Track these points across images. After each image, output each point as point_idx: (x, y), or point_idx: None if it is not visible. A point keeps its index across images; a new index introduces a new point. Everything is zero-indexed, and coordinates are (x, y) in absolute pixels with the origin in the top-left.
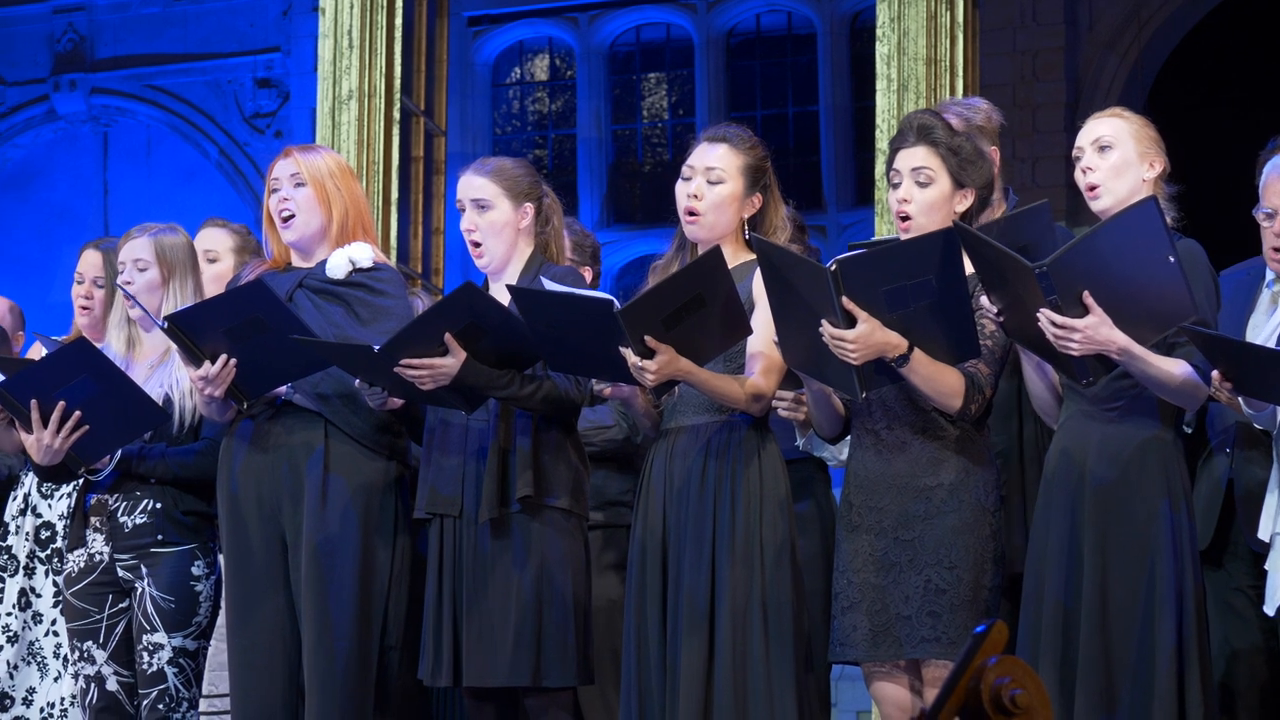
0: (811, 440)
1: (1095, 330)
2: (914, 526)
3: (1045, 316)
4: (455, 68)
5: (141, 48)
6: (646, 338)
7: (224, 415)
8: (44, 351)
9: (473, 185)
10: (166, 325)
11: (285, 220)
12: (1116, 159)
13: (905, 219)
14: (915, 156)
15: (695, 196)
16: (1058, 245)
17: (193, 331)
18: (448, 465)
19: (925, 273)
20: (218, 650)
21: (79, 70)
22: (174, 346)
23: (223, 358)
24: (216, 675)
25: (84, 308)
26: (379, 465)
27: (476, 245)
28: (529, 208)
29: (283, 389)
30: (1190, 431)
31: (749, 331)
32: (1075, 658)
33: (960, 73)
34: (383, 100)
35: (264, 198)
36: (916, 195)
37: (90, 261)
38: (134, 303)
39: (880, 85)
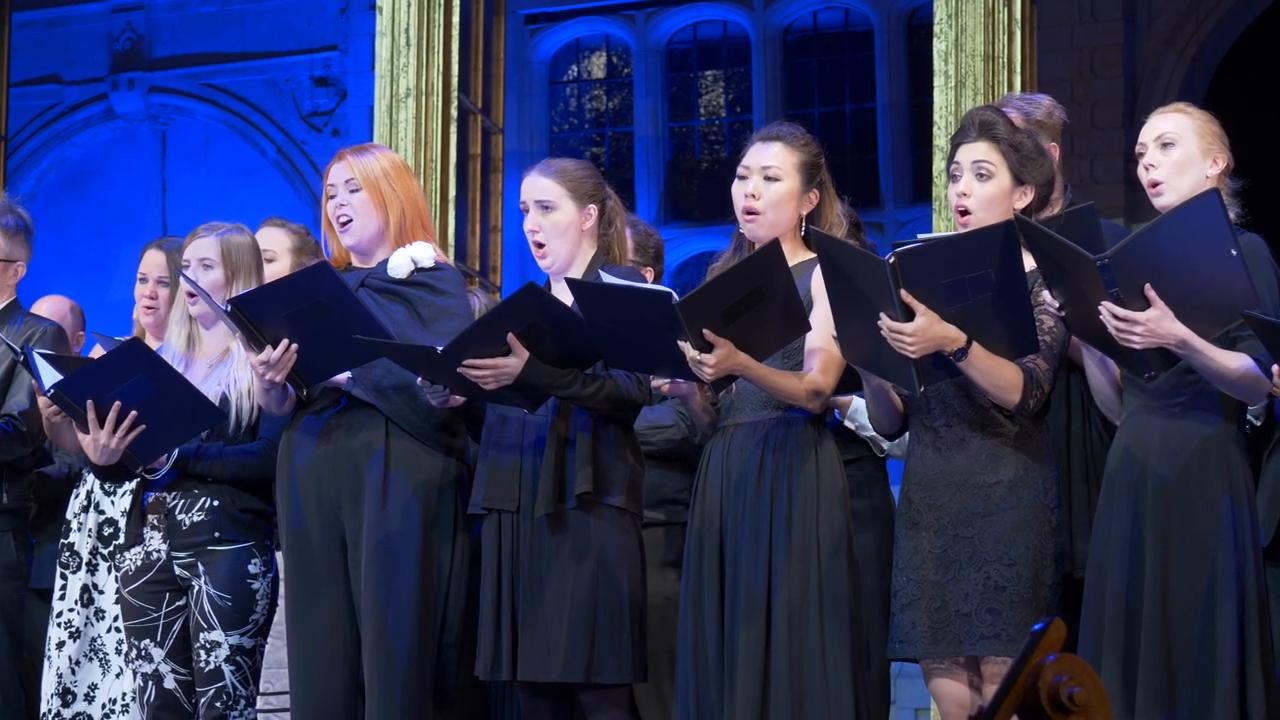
0: (855, 418)
1: (1157, 323)
2: (973, 523)
3: (1107, 309)
4: (512, 66)
5: (199, 46)
6: (705, 331)
7: (282, 406)
8: (103, 352)
9: (537, 186)
10: (229, 308)
11: (343, 225)
12: (1179, 155)
13: (964, 213)
14: (976, 151)
15: (753, 196)
16: (1105, 246)
17: (255, 315)
18: (505, 460)
19: (984, 266)
20: (275, 648)
21: (137, 69)
22: (235, 339)
23: (284, 342)
24: (274, 673)
25: (149, 307)
26: (438, 462)
27: (540, 246)
28: (593, 209)
29: (343, 379)
30: (1259, 424)
31: (807, 328)
32: (1138, 655)
33: (1018, 69)
34: (440, 98)
35: (322, 201)
36: (976, 189)
37: (153, 261)
38: (196, 289)
39: (938, 82)
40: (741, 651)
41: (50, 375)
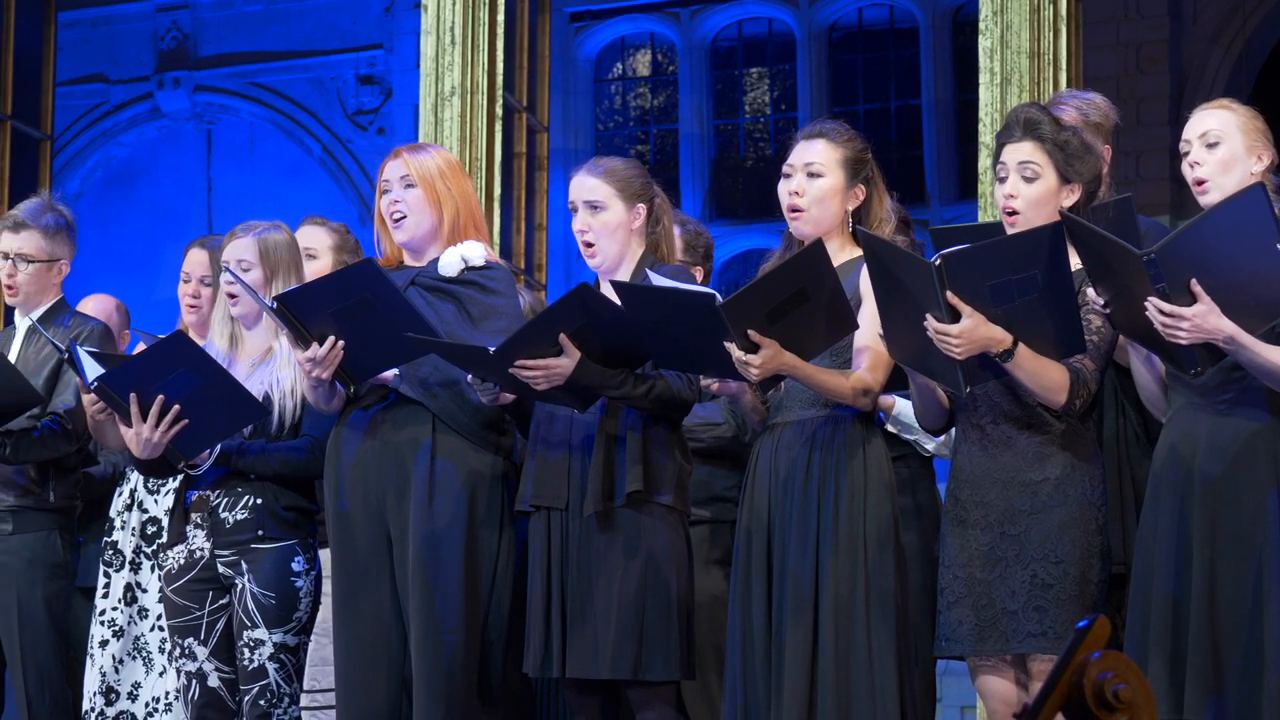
0: (899, 422)
1: (1203, 318)
2: (1020, 521)
3: (1153, 305)
4: (557, 64)
5: (244, 45)
6: (750, 332)
7: (329, 403)
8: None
9: (585, 186)
10: (275, 305)
11: (396, 221)
12: (1224, 153)
13: (1012, 214)
14: (1021, 151)
15: (796, 193)
16: (1142, 238)
17: (301, 312)
18: (553, 458)
19: (1031, 267)
20: (320, 645)
21: (183, 68)
22: (278, 339)
23: (330, 339)
24: (319, 670)
25: (191, 306)
26: (485, 459)
27: (589, 246)
28: (641, 208)
29: (390, 376)
30: None
31: (854, 326)
32: (1185, 653)
33: (1064, 66)
34: (485, 96)
35: (375, 198)
36: (1023, 190)
37: (196, 260)
38: (243, 286)
39: (983, 79)
40: (789, 648)
41: (94, 370)
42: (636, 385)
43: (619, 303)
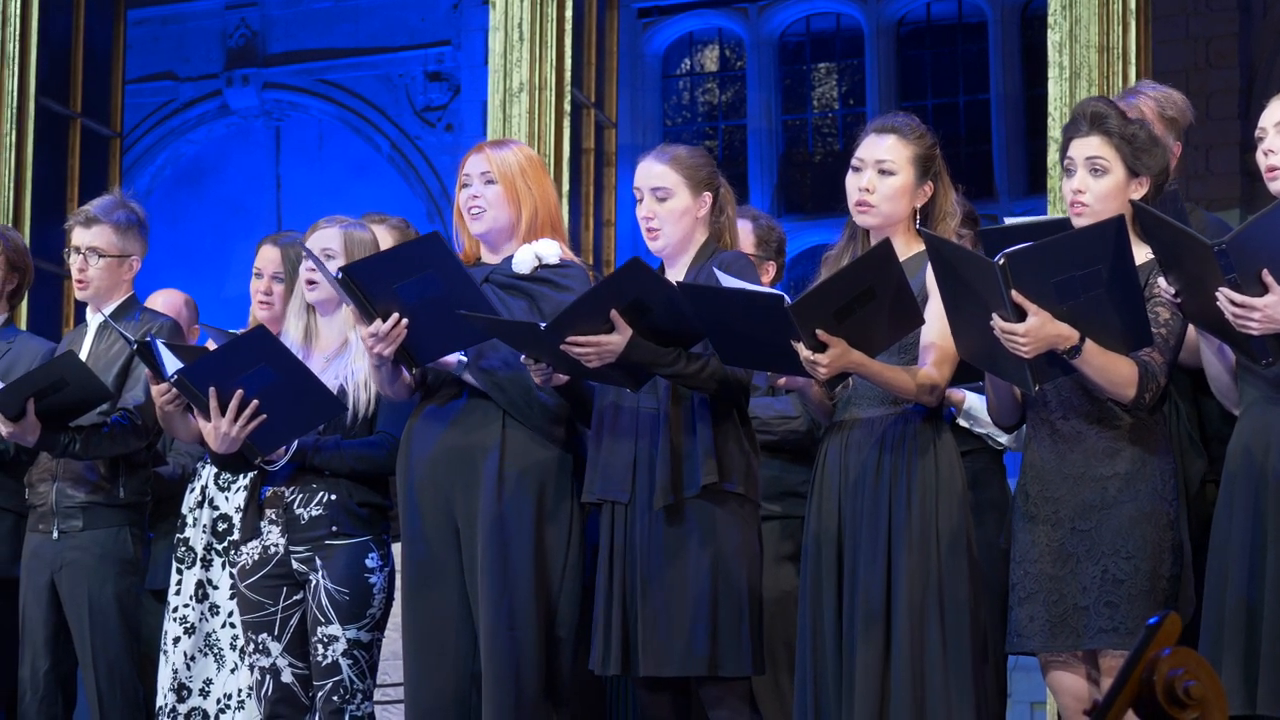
0: (970, 416)
1: (1275, 309)
2: (1090, 516)
3: (1224, 295)
4: (625, 59)
5: (313, 42)
6: (818, 331)
7: (393, 385)
8: (214, 345)
9: (653, 173)
10: (340, 276)
11: (475, 216)
12: None
13: (1081, 208)
14: (1089, 146)
15: (867, 190)
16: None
17: (366, 285)
18: (618, 451)
19: (1095, 262)
20: (391, 640)
21: (251, 65)
22: (353, 331)
23: (394, 316)
24: (390, 665)
25: (263, 302)
26: (552, 454)
27: (653, 231)
28: (707, 197)
29: (453, 361)
30: None
31: (921, 322)
32: (1259, 649)
33: (1133, 60)
34: (553, 93)
35: (444, 193)
36: (1091, 185)
37: (268, 257)
38: (311, 258)
39: (1052, 73)
40: (860, 651)
41: (174, 364)
42: (690, 363)
43: (671, 281)
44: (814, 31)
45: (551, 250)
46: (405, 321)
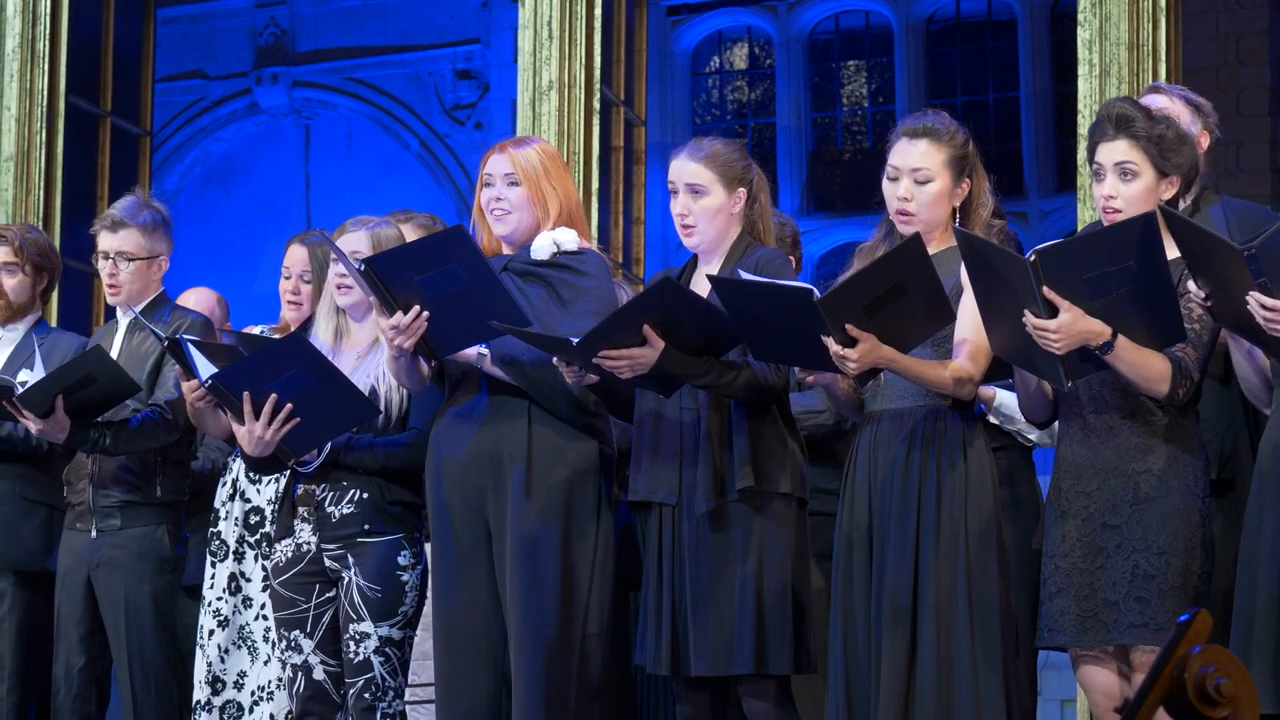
0: (1000, 413)
1: None
2: (1122, 512)
3: (1254, 299)
4: (654, 57)
5: (342, 41)
6: (848, 326)
7: (411, 377)
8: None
9: (688, 170)
10: (363, 268)
11: (498, 217)
12: None
13: (1114, 213)
14: (1117, 150)
15: (905, 199)
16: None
17: (388, 277)
18: (664, 453)
19: (1126, 258)
20: (422, 639)
21: (281, 64)
22: (371, 304)
23: (415, 309)
24: (421, 664)
25: (292, 302)
26: (581, 448)
27: (688, 228)
28: (742, 193)
29: (473, 354)
30: None
31: (953, 317)
32: None
33: (1163, 57)
34: (583, 91)
35: (476, 190)
36: (1122, 190)
37: (296, 256)
38: (335, 251)
39: (1082, 70)
40: (887, 648)
41: (206, 367)
42: (723, 374)
43: (703, 295)
44: (843, 29)
45: (569, 237)
46: (426, 314)
